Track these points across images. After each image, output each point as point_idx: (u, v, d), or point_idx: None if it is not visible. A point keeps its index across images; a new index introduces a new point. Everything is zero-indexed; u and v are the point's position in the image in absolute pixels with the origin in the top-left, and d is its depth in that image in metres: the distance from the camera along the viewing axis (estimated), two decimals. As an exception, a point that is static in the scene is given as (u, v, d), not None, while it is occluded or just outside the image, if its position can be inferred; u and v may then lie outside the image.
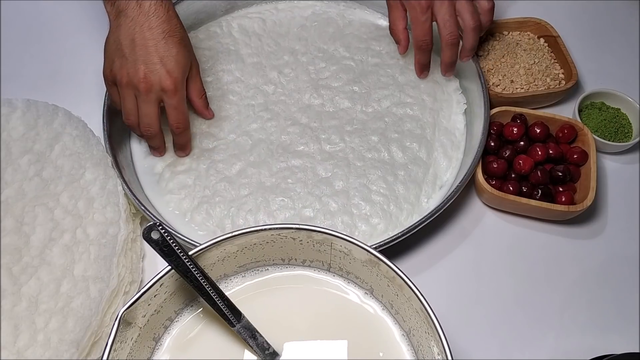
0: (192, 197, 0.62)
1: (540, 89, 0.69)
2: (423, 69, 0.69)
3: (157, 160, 0.65)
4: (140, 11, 0.57)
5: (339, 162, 0.64)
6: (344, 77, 0.70)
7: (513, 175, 0.63)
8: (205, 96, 0.65)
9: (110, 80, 0.60)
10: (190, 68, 0.61)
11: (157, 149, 0.65)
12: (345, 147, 0.65)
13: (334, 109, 0.68)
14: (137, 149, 0.66)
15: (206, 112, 0.66)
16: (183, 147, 0.65)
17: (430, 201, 0.62)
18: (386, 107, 0.68)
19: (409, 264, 0.60)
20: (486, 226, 0.63)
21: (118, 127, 0.65)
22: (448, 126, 0.67)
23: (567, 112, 0.70)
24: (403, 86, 0.69)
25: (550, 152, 0.63)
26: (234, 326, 0.43)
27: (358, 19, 0.75)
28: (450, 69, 0.68)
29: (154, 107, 0.59)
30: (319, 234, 0.44)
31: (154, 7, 0.58)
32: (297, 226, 0.45)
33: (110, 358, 0.39)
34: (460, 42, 0.66)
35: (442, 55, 0.66)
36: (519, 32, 0.74)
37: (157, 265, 0.60)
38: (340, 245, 0.45)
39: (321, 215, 0.61)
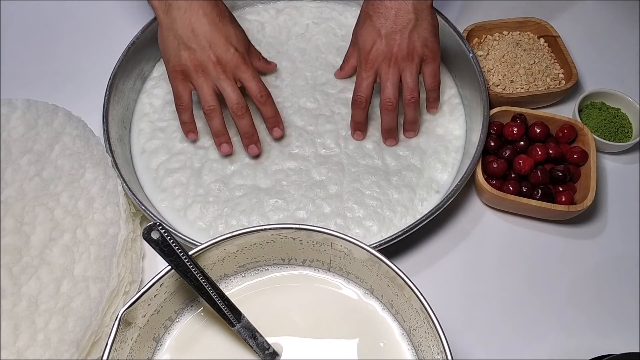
0: (185, 196, 0.62)
1: (540, 89, 0.69)
2: (355, 127, 0.65)
3: (153, 156, 0.65)
4: (192, 1, 0.59)
5: (333, 166, 0.64)
6: (340, 84, 0.70)
7: (513, 175, 0.63)
8: (261, 55, 0.68)
9: (181, 73, 0.60)
10: None
11: (249, 136, 0.62)
12: (340, 152, 0.65)
13: (330, 113, 0.68)
14: (137, 147, 0.67)
15: (269, 66, 0.69)
16: (275, 121, 0.63)
17: (425, 204, 0.62)
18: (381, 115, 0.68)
19: (409, 264, 0.60)
20: (486, 226, 0.63)
21: (118, 126, 0.65)
22: (443, 133, 0.67)
23: (567, 112, 0.70)
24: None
25: (550, 152, 0.63)
26: (234, 326, 0.43)
27: None
28: (387, 135, 0.64)
29: (235, 85, 0.61)
30: (319, 234, 0.44)
31: None
32: (297, 226, 0.45)
33: (110, 358, 0.39)
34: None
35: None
36: (519, 32, 0.74)
37: (157, 265, 0.60)
38: (341, 245, 0.45)
39: (314, 217, 0.61)
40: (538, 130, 0.64)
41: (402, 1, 0.60)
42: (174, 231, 0.57)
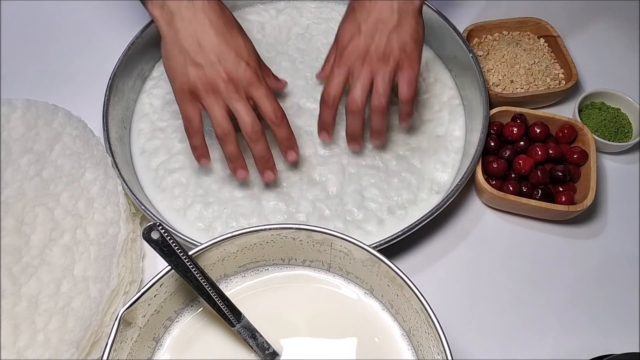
0: (185, 196, 0.62)
1: (540, 89, 0.69)
2: (321, 126, 0.61)
3: (153, 156, 0.65)
4: (196, 9, 0.53)
5: (332, 167, 0.64)
6: None
7: (513, 175, 0.63)
8: (271, 71, 0.62)
9: (189, 93, 0.55)
10: None
11: (265, 161, 0.58)
12: (340, 152, 0.65)
13: None
14: (137, 147, 0.67)
15: (279, 84, 0.64)
16: (289, 143, 0.58)
17: (425, 205, 0.62)
18: None
19: (409, 264, 0.60)
20: (486, 226, 0.63)
21: (118, 126, 0.65)
22: (443, 134, 0.67)
23: (567, 112, 0.70)
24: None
25: (550, 152, 0.63)
26: (234, 326, 0.43)
27: None
28: (351, 140, 0.61)
29: (249, 105, 0.55)
30: (319, 234, 0.44)
31: (207, 2, 0.54)
32: (297, 226, 0.45)
33: (110, 358, 0.39)
34: None
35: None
36: (519, 32, 0.74)
37: (157, 265, 0.60)
38: (340, 245, 0.45)
39: (314, 220, 0.61)
40: (538, 130, 0.64)
41: (387, 0, 0.56)
42: (174, 231, 0.57)
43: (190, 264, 0.41)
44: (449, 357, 0.39)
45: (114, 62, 0.66)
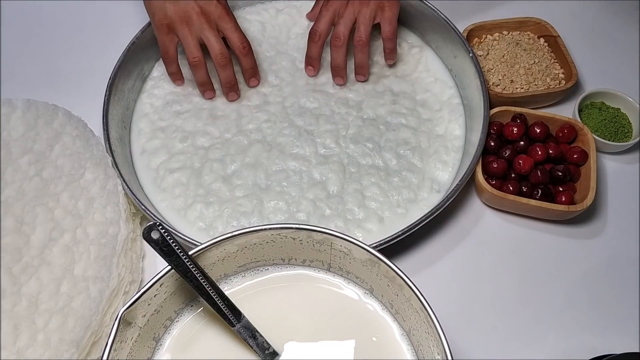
0: (185, 196, 0.62)
1: (540, 88, 0.69)
2: (307, 62, 0.69)
3: (153, 156, 0.65)
4: None
5: (333, 166, 0.64)
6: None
7: (513, 175, 0.63)
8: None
9: (166, 27, 0.62)
10: None
11: (230, 85, 0.65)
12: (340, 152, 0.65)
13: (330, 113, 0.68)
14: (137, 147, 0.67)
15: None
16: (253, 72, 0.67)
17: (425, 204, 0.62)
18: (381, 115, 0.68)
19: (409, 264, 0.60)
20: (486, 226, 0.63)
21: (118, 126, 0.65)
22: (443, 133, 0.67)
23: (567, 112, 0.70)
24: (398, 97, 0.69)
25: (550, 152, 0.63)
26: (234, 326, 0.43)
27: None
28: (335, 73, 0.68)
29: (218, 35, 0.63)
30: (319, 233, 0.44)
31: None
32: (297, 226, 0.45)
33: (110, 358, 0.39)
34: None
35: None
36: (519, 32, 0.74)
37: (157, 265, 0.60)
38: (340, 245, 0.45)
39: (315, 219, 0.61)
40: (538, 130, 0.64)
41: None
42: (174, 231, 0.57)
43: (190, 264, 0.41)
44: (449, 357, 0.39)
45: (114, 62, 0.66)
